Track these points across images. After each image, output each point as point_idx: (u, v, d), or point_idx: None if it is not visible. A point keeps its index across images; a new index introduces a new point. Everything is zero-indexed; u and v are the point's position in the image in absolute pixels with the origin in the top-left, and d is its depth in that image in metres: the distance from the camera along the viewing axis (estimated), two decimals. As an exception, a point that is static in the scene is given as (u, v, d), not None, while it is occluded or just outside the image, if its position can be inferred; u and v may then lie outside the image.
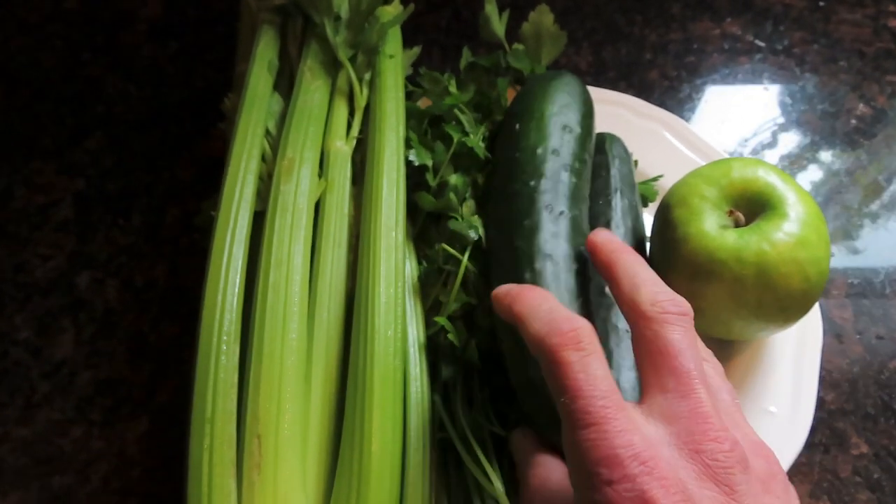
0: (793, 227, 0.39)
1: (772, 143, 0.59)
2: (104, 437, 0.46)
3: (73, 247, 0.54)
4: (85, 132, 0.59)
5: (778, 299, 0.39)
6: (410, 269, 0.43)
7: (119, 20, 0.66)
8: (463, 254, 0.41)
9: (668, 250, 0.41)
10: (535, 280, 0.37)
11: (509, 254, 0.39)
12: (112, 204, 0.56)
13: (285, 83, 0.48)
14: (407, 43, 0.51)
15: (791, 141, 0.59)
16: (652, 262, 0.42)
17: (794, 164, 0.58)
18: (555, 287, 0.37)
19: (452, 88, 0.47)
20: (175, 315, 0.51)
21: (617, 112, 0.55)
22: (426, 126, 0.47)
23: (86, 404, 0.48)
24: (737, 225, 0.41)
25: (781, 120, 0.60)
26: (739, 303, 0.39)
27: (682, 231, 0.41)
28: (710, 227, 0.40)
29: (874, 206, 0.56)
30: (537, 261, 0.38)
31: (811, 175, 0.57)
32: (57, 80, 0.62)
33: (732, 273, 0.39)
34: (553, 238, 0.39)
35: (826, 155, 0.58)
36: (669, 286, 0.32)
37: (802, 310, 0.41)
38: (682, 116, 0.59)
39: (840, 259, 0.53)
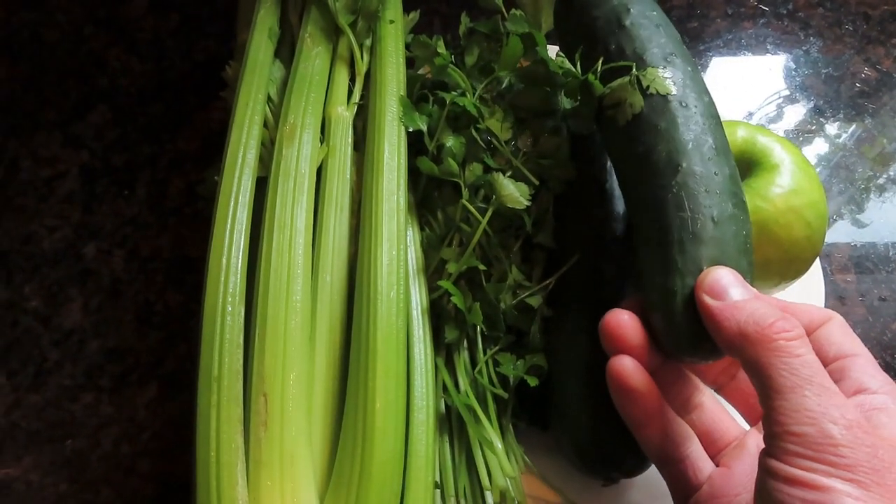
0: (784, 179, 0.39)
1: (775, 109, 0.59)
2: (114, 403, 0.47)
3: (79, 218, 0.54)
4: (89, 105, 0.59)
5: (784, 251, 0.39)
6: (412, 235, 0.43)
7: (120, -6, 0.66)
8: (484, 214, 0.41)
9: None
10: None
11: None
12: (117, 175, 0.56)
13: (286, 50, 0.48)
14: (407, 12, 0.51)
15: (795, 106, 0.59)
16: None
17: (797, 129, 0.58)
18: None
19: (441, 49, 0.47)
20: (180, 284, 0.51)
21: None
22: (427, 93, 0.47)
23: (95, 371, 0.48)
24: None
25: (785, 85, 0.60)
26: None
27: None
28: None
29: (880, 172, 0.56)
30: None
31: (816, 144, 0.57)
32: (61, 55, 0.62)
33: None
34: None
35: (830, 118, 0.58)
36: None
37: (810, 255, 0.41)
38: (684, 82, 0.58)
39: (844, 226, 0.53)
